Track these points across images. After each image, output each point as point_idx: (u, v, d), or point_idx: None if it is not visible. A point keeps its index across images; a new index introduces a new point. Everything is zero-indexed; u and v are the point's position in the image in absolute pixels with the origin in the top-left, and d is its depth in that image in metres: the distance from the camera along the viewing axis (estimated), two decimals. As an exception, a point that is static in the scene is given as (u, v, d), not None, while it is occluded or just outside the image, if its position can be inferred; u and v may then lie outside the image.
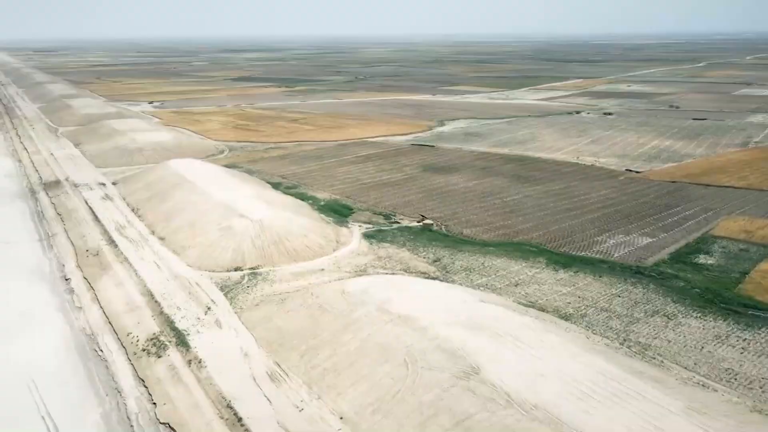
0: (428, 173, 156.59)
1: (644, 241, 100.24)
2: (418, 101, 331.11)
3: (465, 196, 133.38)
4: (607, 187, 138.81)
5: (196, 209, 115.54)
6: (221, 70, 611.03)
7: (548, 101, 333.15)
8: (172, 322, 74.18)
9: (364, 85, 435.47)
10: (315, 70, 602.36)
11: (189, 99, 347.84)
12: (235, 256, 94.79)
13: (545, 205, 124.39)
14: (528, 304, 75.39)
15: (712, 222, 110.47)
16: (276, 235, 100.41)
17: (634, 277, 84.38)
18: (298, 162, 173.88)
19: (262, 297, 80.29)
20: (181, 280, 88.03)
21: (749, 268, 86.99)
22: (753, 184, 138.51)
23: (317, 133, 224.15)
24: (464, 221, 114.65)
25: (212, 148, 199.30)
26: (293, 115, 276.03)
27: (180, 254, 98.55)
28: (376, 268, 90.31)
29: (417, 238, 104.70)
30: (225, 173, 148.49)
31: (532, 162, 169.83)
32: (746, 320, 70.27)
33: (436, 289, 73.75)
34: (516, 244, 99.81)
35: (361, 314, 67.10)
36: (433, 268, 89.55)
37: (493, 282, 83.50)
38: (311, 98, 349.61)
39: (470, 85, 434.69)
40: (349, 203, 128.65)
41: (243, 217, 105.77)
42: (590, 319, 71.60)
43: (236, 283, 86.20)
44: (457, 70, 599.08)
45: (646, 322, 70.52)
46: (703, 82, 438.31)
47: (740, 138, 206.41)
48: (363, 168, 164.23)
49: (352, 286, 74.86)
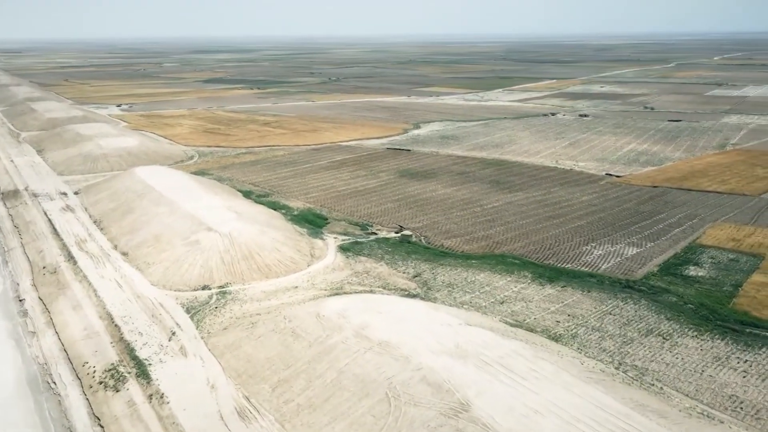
0: (405, 179, 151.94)
1: (631, 252, 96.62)
2: (392, 103, 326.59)
3: (444, 203, 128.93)
4: (588, 193, 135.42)
5: (161, 222, 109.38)
6: (192, 72, 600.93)
7: (523, 102, 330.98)
8: (132, 350, 68.35)
9: (337, 87, 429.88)
10: (287, 72, 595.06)
11: (158, 101, 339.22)
12: (203, 273, 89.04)
13: (527, 213, 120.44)
14: (515, 324, 70.98)
15: (699, 230, 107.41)
16: (246, 249, 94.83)
17: (624, 292, 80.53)
18: (270, 168, 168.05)
19: (231, 319, 74.77)
20: (144, 300, 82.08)
21: (741, 280, 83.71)
22: (735, 189, 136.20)
23: (290, 137, 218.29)
24: (444, 231, 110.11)
25: (181, 153, 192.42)
26: (265, 118, 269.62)
27: (144, 271, 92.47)
28: (353, 285, 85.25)
29: (395, 250, 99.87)
30: (193, 181, 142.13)
31: (511, 166, 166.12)
32: (745, 339, 66.67)
33: (419, 310, 68.94)
34: (499, 257, 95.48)
35: (338, 341, 62.00)
36: (414, 284, 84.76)
37: (478, 300, 78.96)
38: (284, 100, 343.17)
39: (444, 86, 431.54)
40: (323, 213, 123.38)
41: (211, 230, 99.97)
42: (582, 339, 67.40)
43: (204, 303, 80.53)
44: (430, 70, 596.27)
45: (641, 342, 66.52)
46: (675, 82, 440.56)
47: (717, 140, 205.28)
48: (338, 174, 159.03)
49: (328, 307, 69.69)
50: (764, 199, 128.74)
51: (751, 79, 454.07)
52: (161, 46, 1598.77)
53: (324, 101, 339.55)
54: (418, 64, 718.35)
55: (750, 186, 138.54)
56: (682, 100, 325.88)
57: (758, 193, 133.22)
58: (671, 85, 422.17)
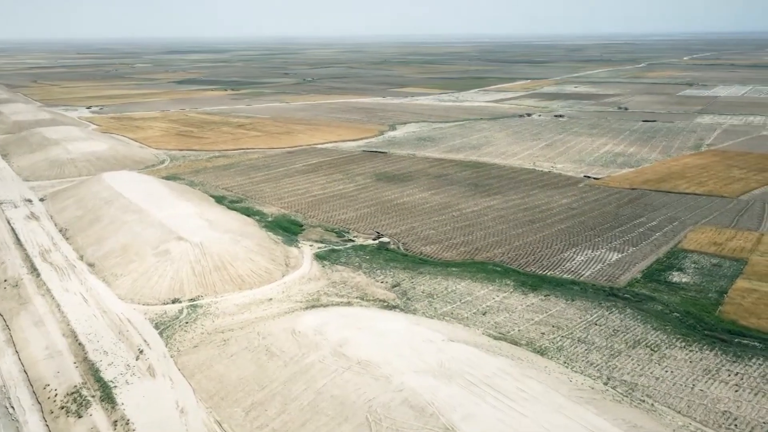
0: (382, 183, 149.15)
1: (613, 257, 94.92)
2: (368, 104, 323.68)
3: (421, 208, 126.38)
4: (567, 196, 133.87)
5: (130, 231, 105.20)
6: (165, 73, 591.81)
7: (498, 103, 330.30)
8: (97, 371, 64.53)
9: (312, 88, 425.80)
10: (262, 72, 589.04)
11: (130, 103, 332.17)
12: (173, 286, 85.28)
13: (506, 217, 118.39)
14: (499, 337, 68.56)
15: (680, 233, 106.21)
16: (219, 259, 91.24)
17: (608, 300, 78.59)
18: (243, 172, 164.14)
19: (203, 335, 71.26)
20: (111, 316, 78.13)
21: (726, 286, 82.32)
22: (713, 191, 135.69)
23: (264, 140, 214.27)
24: (422, 237, 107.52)
25: (152, 157, 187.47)
26: (239, 120, 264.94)
27: (111, 284, 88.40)
28: (329, 296, 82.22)
29: (373, 258, 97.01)
30: (164, 187, 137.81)
31: (489, 169, 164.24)
32: (734, 350, 64.98)
33: (399, 326, 66.10)
34: (479, 264, 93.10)
35: (315, 360, 58.95)
36: (393, 294, 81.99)
37: (459, 310, 76.42)
38: (258, 102, 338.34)
39: (419, 86, 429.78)
40: (298, 219, 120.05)
41: (182, 239, 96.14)
42: (568, 352, 65.17)
43: (173, 318, 76.85)
44: (405, 71, 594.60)
45: (628, 355, 64.49)
46: (647, 82, 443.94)
47: (692, 140, 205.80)
48: (313, 178, 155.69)
49: (304, 323, 66.53)
50: (742, 200, 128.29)
51: (720, 79, 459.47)
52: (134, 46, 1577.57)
53: (299, 102, 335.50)
54: (392, 64, 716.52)
55: (728, 188, 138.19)
56: (655, 101, 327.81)
57: (736, 194, 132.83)
58: (643, 85, 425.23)
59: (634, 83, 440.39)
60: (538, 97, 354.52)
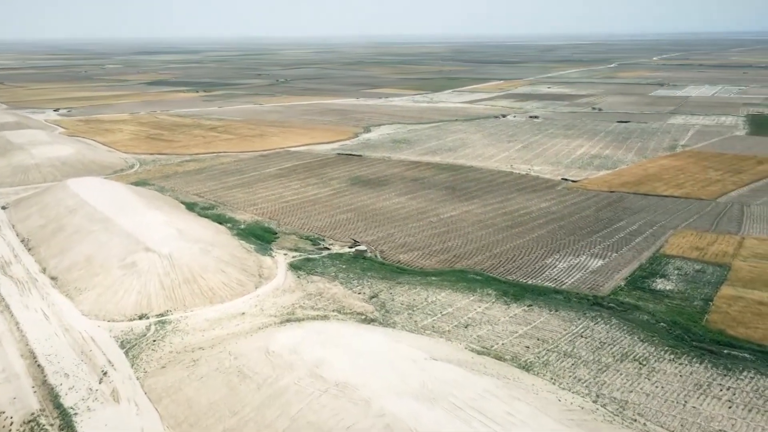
0: (357, 187, 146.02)
1: (595, 264, 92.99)
2: (341, 106, 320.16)
3: (398, 213, 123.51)
4: (546, 200, 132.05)
5: (95, 241, 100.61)
6: (136, 74, 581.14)
7: (473, 104, 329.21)
8: (57, 397, 60.42)
9: (285, 89, 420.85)
10: (234, 73, 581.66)
11: (99, 105, 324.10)
12: (140, 300, 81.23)
13: (485, 223, 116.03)
14: (483, 352, 65.90)
15: (661, 238, 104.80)
16: (189, 271, 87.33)
17: (593, 310, 76.46)
18: (215, 177, 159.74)
19: (171, 355, 67.49)
20: (73, 334, 73.89)
21: (711, 293, 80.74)
22: (691, 193, 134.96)
23: (237, 143, 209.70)
24: (400, 245, 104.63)
25: (121, 162, 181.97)
26: (211, 122, 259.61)
27: (74, 299, 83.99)
28: (305, 309, 78.91)
29: (350, 267, 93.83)
30: (132, 194, 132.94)
31: (466, 172, 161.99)
32: (724, 362, 63.12)
33: (379, 343, 62.98)
34: (460, 273, 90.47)
35: (290, 382, 55.62)
36: (371, 306, 78.95)
37: (440, 323, 73.65)
38: (230, 104, 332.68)
39: (393, 87, 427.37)
40: (272, 226, 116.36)
41: (150, 250, 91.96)
42: (554, 368, 62.72)
43: (140, 335, 72.90)
44: (378, 71, 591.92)
45: (616, 369, 62.25)
46: (619, 83, 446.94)
47: (667, 141, 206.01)
48: (287, 183, 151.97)
49: (278, 342, 63.08)
50: (721, 203, 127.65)
51: (690, 79, 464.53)
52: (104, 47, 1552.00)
53: (272, 104, 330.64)
54: (366, 65, 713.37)
55: (705, 190, 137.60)
56: (628, 101, 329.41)
57: (714, 196, 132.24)
58: (616, 85, 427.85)
59: (606, 83, 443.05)
60: (512, 98, 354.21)
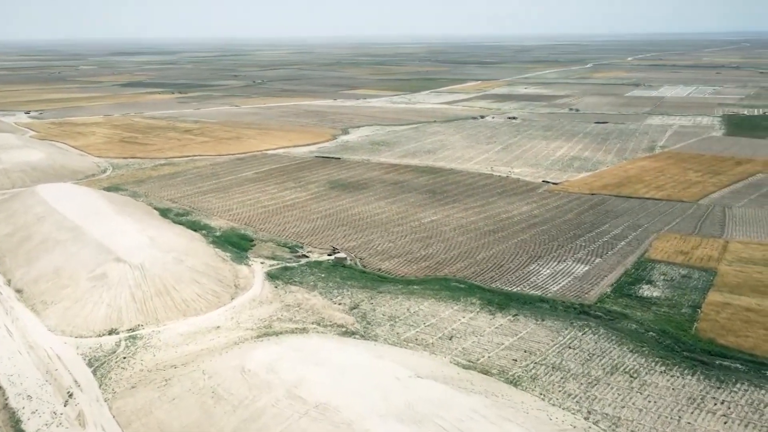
0: (336, 191, 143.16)
1: (580, 270, 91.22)
2: (319, 107, 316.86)
3: (378, 218, 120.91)
4: (527, 203, 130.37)
5: (64, 251, 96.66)
6: (110, 75, 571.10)
7: (451, 105, 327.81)
8: (17, 422, 56.85)
9: (262, 90, 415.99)
10: (211, 74, 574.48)
11: (72, 108, 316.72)
12: (110, 314, 77.65)
13: (467, 227, 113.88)
14: (468, 366, 63.52)
15: (645, 242, 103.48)
16: (161, 283, 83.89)
17: (580, 319, 74.50)
18: (190, 181, 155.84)
19: (142, 373, 64.14)
20: (39, 352, 70.16)
21: (698, 300, 79.29)
22: (672, 195, 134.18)
23: (213, 146, 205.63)
24: (381, 251, 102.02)
25: (93, 166, 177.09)
26: (186, 125, 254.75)
27: (40, 313, 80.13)
28: (283, 322, 75.95)
29: (329, 276, 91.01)
30: (103, 201, 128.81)
31: (446, 174, 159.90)
32: (717, 374, 61.41)
33: (361, 360, 60.30)
34: (442, 280, 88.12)
35: (268, 403, 52.70)
36: (352, 318, 76.24)
37: (424, 335, 71.17)
38: (206, 105, 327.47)
39: (371, 88, 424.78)
40: (249, 233, 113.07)
41: (121, 261, 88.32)
42: (543, 382, 60.52)
43: (110, 353, 69.40)
44: (356, 72, 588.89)
45: (607, 383, 60.24)
46: (595, 83, 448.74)
47: (645, 142, 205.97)
48: (264, 187, 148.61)
49: (255, 359, 60.06)
50: (702, 205, 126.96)
51: (665, 79, 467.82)
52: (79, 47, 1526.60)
53: (249, 106, 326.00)
54: (343, 65, 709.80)
55: (686, 192, 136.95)
56: (605, 102, 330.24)
57: (695, 198, 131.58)
58: (592, 86, 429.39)
59: (582, 84, 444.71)
60: (489, 99, 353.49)
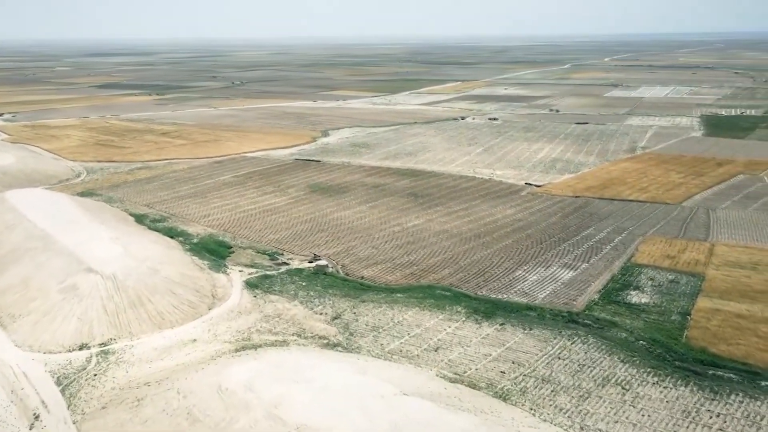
0: (316, 195, 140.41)
1: (566, 276, 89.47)
2: (299, 109, 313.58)
3: (360, 223, 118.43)
4: (511, 206, 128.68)
5: (33, 261, 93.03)
6: (86, 76, 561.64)
7: (431, 106, 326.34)
8: (-20, 448, 53.64)
9: (241, 92, 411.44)
10: (188, 76, 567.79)
11: (46, 110, 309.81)
12: (81, 328, 74.27)
13: (450, 232, 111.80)
14: (455, 379, 61.26)
15: (631, 245, 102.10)
16: (135, 294, 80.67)
17: (568, 328, 72.60)
18: (167, 186, 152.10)
19: (114, 392, 60.98)
20: (4, 369, 66.62)
21: (688, 306, 77.82)
22: (656, 197, 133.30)
23: (190, 149, 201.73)
24: (363, 258, 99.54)
25: (67, 171, 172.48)
26: (164, 127, 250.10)
27: (7, 327, 76.49)
28: (262, 334, 73.14)
29: (310, 284, 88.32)
30: (76, 207, 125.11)
31: (427, 177, 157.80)
32: (710, 384, 59.76)
33: (344, 376, 57.75)
34: (426, 288, 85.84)
35: (246, 425, 50.02)
36: (334, 329, 73.63)
37: (408, 347, 68.79)
38: (184, 107, 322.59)
39: (350, 89, 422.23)
40: (227, 239, 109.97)
41: (92, 271, 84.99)
42: (533, 396, 58.44)
43: (80, 369, 66.09)
44: (335, 73, 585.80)
45: (599, 396, 58.30)
46: (573, 84, 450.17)
47: (626, 143, 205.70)
48: (242, 191, 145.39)
49: (233, 377, 57.29)
50: (686, 207, 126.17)
51: (642, 80, 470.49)
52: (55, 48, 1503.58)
53: (227, 107, 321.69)
54: (322, 66, 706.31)
55: (669, 194, 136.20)
56: (585, 103, 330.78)
57: (679, 200, 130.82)
58: (571, 86, 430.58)
59: (561, 84, 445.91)
60: (470, 100, 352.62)
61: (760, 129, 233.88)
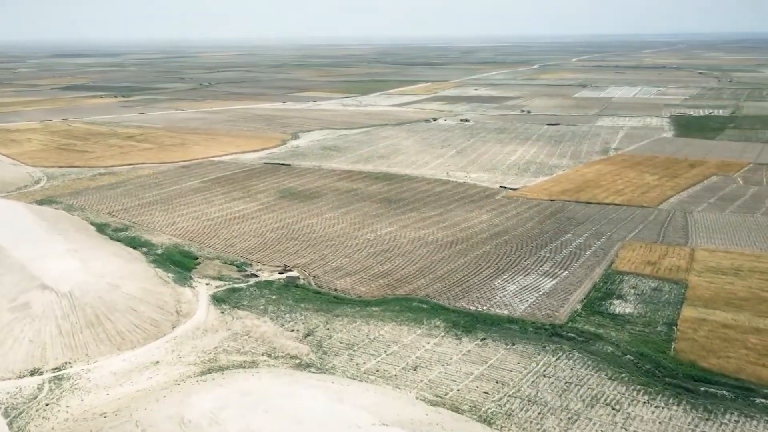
0: (286, 201, 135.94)
1: (547, 285, 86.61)
2: (268, 110, 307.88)
3: (332, 230, 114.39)
4: (487, 210, 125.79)
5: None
6: (50, 78, 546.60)
7: (402, 107, 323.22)
8: None
9: (209, 93, 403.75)
10: (155, 77, 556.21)
11: (6, 113, 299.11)
12: (33, 351, 69.04)
13: (426, 239, 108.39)
14: (437, 402, 57.69)
15: (610, 251, 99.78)
16: (93, 313, 75.59)
17: (552, 342, 69.57)
18: (132, 192, 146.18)
19: (67, 424, 56.11)
20: (-53, 400, 61.31)
21: (673, 316, 75.41)
22: (632, 200, 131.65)
23: (156, 153, 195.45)
24: (336, 268, 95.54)
25: (26, 177, 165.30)
26: (129, 130, 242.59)
27: (-48, 351, 70.90)
28: (230, 354, 68.77)
29: (281, 298, 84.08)
30: (33, 216, 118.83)
31: (400, 181, 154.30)
32: (703, 402, 57.11)
33: (318, 406, 53.68)
34: (403, 300, 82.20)
35: (212, 463, 45.74)
36: (306, 347, 69.56)
37: (386, 366, 65.03)
38: (151, 109, 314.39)
39: (320, 90, 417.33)
40: (193, 249, 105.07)
41: (47, 288, 79.64)
42: (519, 419, 55.13)
43: (30, 398, 61.00)
44: (305, 74, 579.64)
45: (588, 417, 55.24)
46: (542, 84, 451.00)
47: (599, 144, 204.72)
48: (210, 197, 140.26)
49: (196, 408, 52.89)
50: (663, 210, 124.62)
51: (610, 80, 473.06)
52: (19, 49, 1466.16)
53: (195, 110, 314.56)
54: (291, 67, 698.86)
55: (645, 196, 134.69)
56: (555, 103, 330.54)
57: (655, 203, 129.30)
58: (540, 87, 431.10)
59: (530, 85, 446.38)
60: (440, 101, 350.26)
61: (729, 129, 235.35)
